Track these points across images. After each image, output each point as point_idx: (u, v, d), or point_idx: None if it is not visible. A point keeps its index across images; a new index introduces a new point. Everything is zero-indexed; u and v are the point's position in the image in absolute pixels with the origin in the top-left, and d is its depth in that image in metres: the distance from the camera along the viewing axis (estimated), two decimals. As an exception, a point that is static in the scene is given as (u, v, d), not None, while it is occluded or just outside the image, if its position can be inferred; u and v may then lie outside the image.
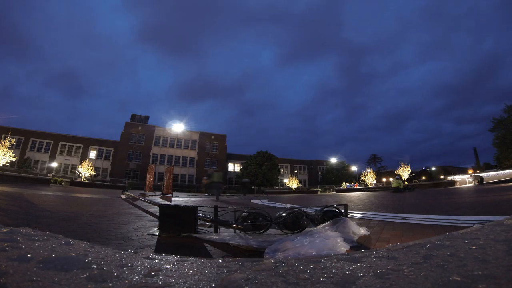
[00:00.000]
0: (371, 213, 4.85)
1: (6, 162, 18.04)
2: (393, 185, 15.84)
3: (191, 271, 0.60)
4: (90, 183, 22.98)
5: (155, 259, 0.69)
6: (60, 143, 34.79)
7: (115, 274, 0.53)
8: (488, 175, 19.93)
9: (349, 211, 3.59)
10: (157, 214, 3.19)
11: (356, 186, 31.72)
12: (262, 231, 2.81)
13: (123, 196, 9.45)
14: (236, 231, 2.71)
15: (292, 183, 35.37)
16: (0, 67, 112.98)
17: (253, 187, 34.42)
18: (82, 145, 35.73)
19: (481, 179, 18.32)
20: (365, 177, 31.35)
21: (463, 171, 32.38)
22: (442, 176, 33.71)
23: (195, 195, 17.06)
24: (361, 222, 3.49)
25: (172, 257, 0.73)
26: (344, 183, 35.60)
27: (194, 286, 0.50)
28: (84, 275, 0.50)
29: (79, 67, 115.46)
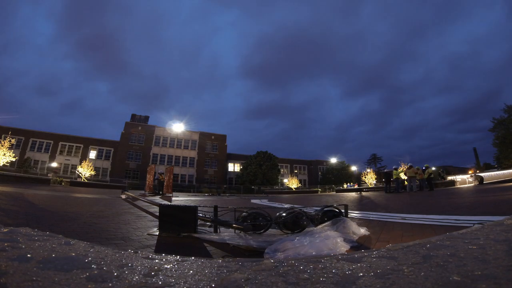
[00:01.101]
0: (371, 213, 4.85)
1: (6, 162, 18.03)
2: (394, 176, 15.43)
3: (191, 271, 0.60)
4: (90, 183, 22.97)
5: (155, 259, 0.69)
6: (60, 143, 34.80)
7: (115, 274, 0.53)
8: (488, 175, 19.91)
9: (349, 211, 3.59)
10: (157, 214, 3.19)
11: (356, 186, 31.74)
12: (262, 231, 2.81)
13: (123, 196, 9.45)
14: (236, 231, 2.71)
15: (292, 183, 35.37)
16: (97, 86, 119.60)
17: (253, 187, 34.43)
18: (82, 145, 35.74)
19: (481, 179, 18.28)
20: (365, 177, 31.33)
21: (463, 171, 32.35)
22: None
23: (195, 195, 17.05)
24: (361, 222, 3.49)
25: (172, 257, 0.73)
26: (345, 184, 35.62)
27: (194, 286, 0.50)
28: (84, 275, 0.50)
29: (172, 85, 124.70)
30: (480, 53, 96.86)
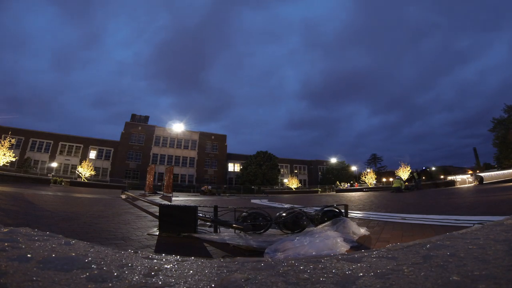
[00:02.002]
0: (371, 213, 4.85)
1: (6, 162, 18.02)
2: (394, 185, 16.03)
3: (191, 271, 0.60)
4: (90, 183, 22.97)
5: (155, 259, 0.69)
6: (60, 143, 34.78)
7: (115, 274, 0.53)
8: (488, 175, 19.90)
9: (349, 211, 3.59)
10: (157, 214, 3.19)
11: (357, 186, 31.79)
12: (262, 231, 2.81)
13: (123, 196, 9.45)
14: (236, 231, 2.71)
15: (292, 183, 35.35)
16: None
17: (253, 187, 34.42)
18: (82, 145, 35.72)
19: (481, 179, 18.30)
20: (365, 177, 31.34)
21: (463, 171, 32.35)
22: (442, 176, 33.68)
23: (195, 195, 17.06)
24: (361, 222, 3.49)
25: (172, 257, 0.73)
26: (340, 183, 35.60)
27: (194, 286, 0.50)
28: (84, 275, 0.50)
29: (235, 99, 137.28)
30: (485, 80, 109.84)
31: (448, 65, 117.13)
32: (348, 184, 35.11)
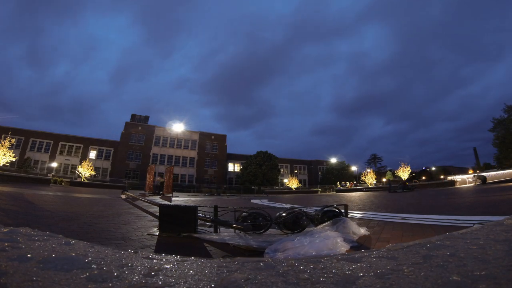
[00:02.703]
0: (371, 213, 4.85)
1: (6, 162, 18.01)
2: (387, 177, 16.28)
3: (191, 271, 0.60)
4: (90, 183, 22.97)
5: (155, 259, 0.69)
6: (60, 143, 34.79)
7: (115, 274, 0.53)
8: (488, 175, 19.89)
9: (349, 211, 3.59)
10: (157, 214, 3.19)
11: (350, 186, 31.98)
12: (262, 231, 2.81)
13: (123, 196, 9.45)
14: (236, 231, 2.71)
15: (292, 183, 35.33)
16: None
17: (253, 187, 34.41)
18: (82, 145, 35.73)
19: (484, 179, 18.20)
20: (365, 177, 31.34)
21: (463, 171, 32.35)
22: (442, 176, 33.68)
23: (195, 195, 17.07)
24: (361, 222, 3.49)
25: (172, 257, 0.73)
26: (339, 183, 35.71)
27: (194, 286, 0.50)
28: (84, 275, 0.50)
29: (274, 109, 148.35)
30: (486, 95, 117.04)
31: (453, 86, 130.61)
32: (343, 183, 35.38)
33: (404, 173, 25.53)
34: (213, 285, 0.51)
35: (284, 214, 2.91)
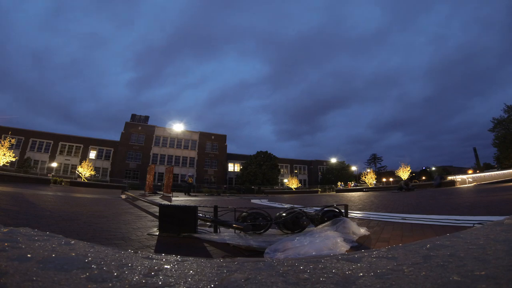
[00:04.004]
0: (371, 213, 4.85)
1: (6, 162, 18.01)
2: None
3: (191, 271, 0.60)
4: (90, 183, 22.95)
5: (155, 259, 0.69)
6: (60, 143, 34.77)
7: (115, 274, 0.53)
8: (488, 175, 19.89)
9: (349, 211, 3.59)
10: (157, 214, 3.19)
11: (349, 186, 32.06)
12: (262, 231, 2.81)
13: (123, 196, 9.46)
14: (236, 231, 2.71)
15: (292, 183, 35.31)
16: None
17: (253, 187, 34.41)
18: (82, 145, 35.72)
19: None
20: (365, 177, 31.35)
21: (463, 171, 32.35)
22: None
23: (195, 195, 17.05)
24: (361, 222, 3.49)
25: (172, 257, 0.73)
26: (340, 184, 35.76)
27: (194, 286, 0.50)
28: (84, 275, 0.50)
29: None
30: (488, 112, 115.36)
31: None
32: (342, 183, 35.43)
33: (404, 173, 25.56)
34: (213, 285, 0.51)
35: (284, 214, 2.91)
